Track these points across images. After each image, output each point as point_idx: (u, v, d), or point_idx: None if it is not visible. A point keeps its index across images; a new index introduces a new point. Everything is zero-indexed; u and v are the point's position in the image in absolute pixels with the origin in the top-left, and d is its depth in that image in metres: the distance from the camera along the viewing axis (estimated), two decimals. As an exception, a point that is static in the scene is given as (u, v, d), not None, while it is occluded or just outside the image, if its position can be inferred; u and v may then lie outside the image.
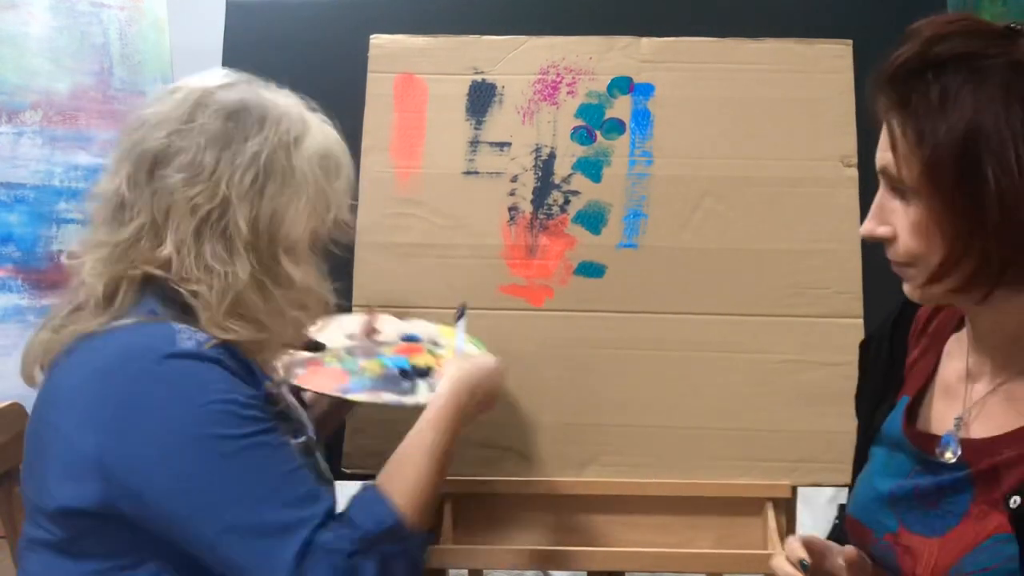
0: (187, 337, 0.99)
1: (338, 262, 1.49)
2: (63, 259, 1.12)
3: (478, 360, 1.27)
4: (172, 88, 1.10)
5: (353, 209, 1.19)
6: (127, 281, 1.03)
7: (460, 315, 1.41)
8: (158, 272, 1.02)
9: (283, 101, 1.11)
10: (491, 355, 1.32)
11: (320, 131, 1.12)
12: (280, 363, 1.16)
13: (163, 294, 1.03)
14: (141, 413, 0.96)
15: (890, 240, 0.88)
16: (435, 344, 1.42)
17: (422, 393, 1.28)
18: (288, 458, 1.01)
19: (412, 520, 1.05)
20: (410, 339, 1.41)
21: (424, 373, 1.33)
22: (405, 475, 1.08)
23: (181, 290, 1.02)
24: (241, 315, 1.03)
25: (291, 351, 1.19)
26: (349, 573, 0.98)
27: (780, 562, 0.93)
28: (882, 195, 0.88)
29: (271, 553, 0.96)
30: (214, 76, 1.12)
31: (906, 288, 0.90)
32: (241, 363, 1.03)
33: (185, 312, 1.02)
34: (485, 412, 1.26)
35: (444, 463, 1.13)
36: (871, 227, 0.89)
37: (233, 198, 1.03)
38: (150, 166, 1.03)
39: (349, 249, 1.53)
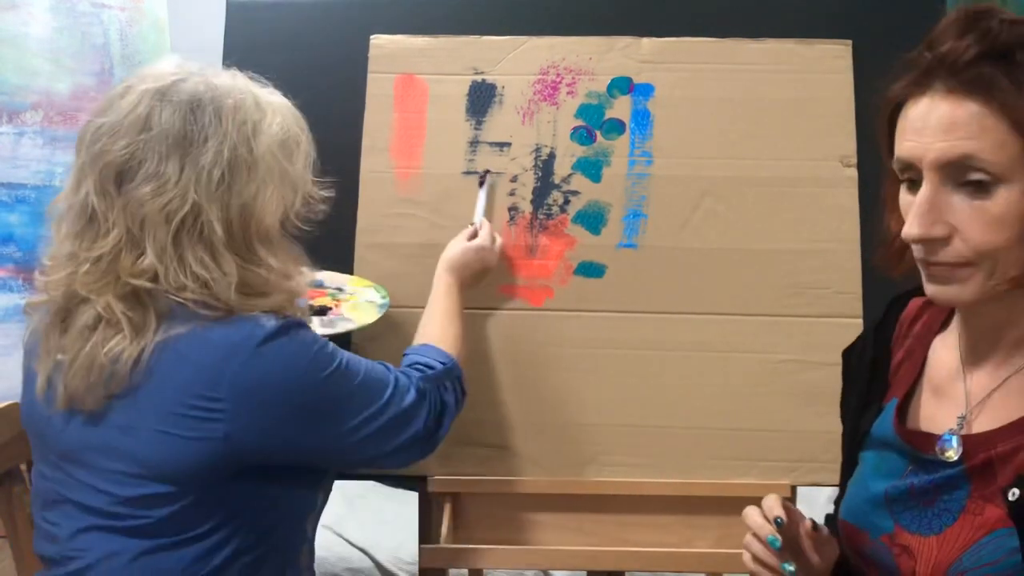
0: (267, 318, 1.06)
1: (338, 261, 1.51)
2: (36, 274, 1.12)
3: (474, 242, 1.45)
4: (123, 89, 1.09)
5: (320, 185, 1.20)
6: (146, 294, 1.04)
7: (482, 182, 1.51)
8: (147, 284, 1.04)
9: (236, 86, 1.11)
10: (487, 229, 1.48)
11: (275, 112, 1.13)
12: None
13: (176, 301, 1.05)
14: (260, 392, 1.04)
15: (944, 240, 0.83)
16: (339, 290, 1.47)
17: (314, 325, 1.33)
18: (356, 362, 1.14)
19: (458, 361, 1.30)
20: (316, 285, 1.44)
21: (320, 311, 1.40)
22: (436, 335, 1.32)
23: (180, 299, 1.04)
24: (250, 294, 1.07)
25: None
26: (439, 408, 1.22)
27: (752, 510, 0.96)
28: (933, 192, 0.83)
29: (395, 426, 1.16)
30: (163, 69, 1.10)
31: (951, 290, 0.85)
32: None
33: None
34: (484, 278, 1.48)
35: (460, 319, 1.37)
36: (925, 228, 0.82)
37: (203, 201, 1.04)
38: (116, 178, 1.05)
39: (348, 248, 1.53)
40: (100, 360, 1.03)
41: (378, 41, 1.60)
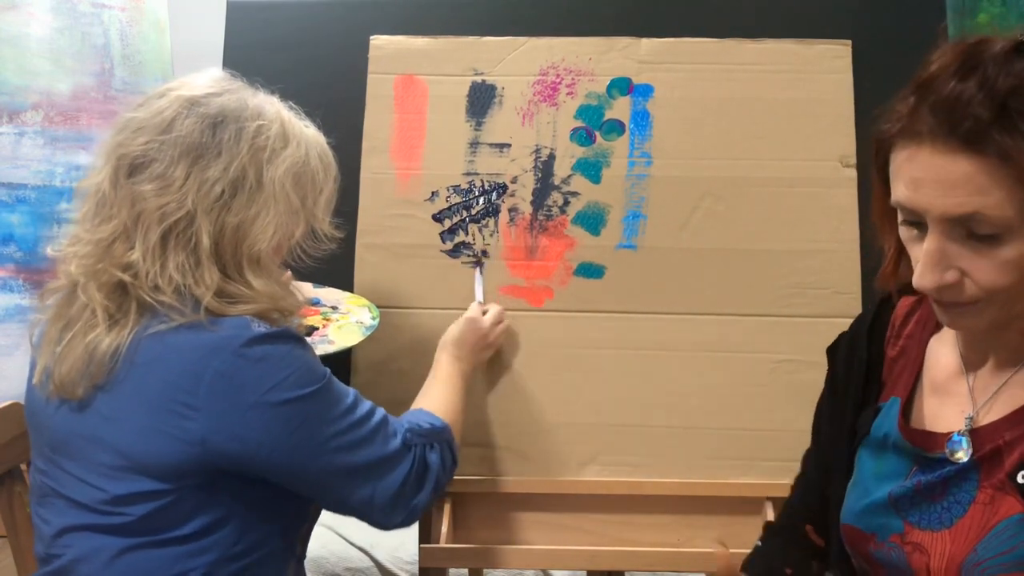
0: (257, 324, 1.06)
1: (338, 262, 1.51)
2: (48, 252, 1.15)
3: (465, 318, 1.43)
4: (161, 91, 1.12)
5: (337, 224, 1.22)
6: (131, 288, 1.06)
7: (476, 263, 1.52)
8: (128, 279, 1.05)
9: (268, 111, 1.13)
10: (478, 307, 1.47)
11: (300, 145, 1.14)
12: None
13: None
14: (238, 394, 1.03)
15: (954, 284, 0.83)
16: (334, 309, 1.47)
17: None
18: (345, 390, 1.13)
19: (452, 428, 1.24)
20: (313, 303, 1.45)
21: (308, 332, 1.39)
22: (428, 402, 1.28)
23: (154, 300, 1.05)
24: (227, 303, 1.07)
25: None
26: (423, 466, 1.17)
27: None
28: (941, 242, 0.82)
29: (373, 468, 1.12)
30: (205, 80, 1.13)
31: (965, 322, 0.86)
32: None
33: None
34: (487, 351, 1.46)
35: (455, 391, 1.34)
36: (937, 278, 0.82)
37: (198, 211, 1.06)
38: (127, 171, 1.08)
39: (348, 249, 1.54)
40: (81, 350, 1.05)
41: (378, 42, 1.60)
